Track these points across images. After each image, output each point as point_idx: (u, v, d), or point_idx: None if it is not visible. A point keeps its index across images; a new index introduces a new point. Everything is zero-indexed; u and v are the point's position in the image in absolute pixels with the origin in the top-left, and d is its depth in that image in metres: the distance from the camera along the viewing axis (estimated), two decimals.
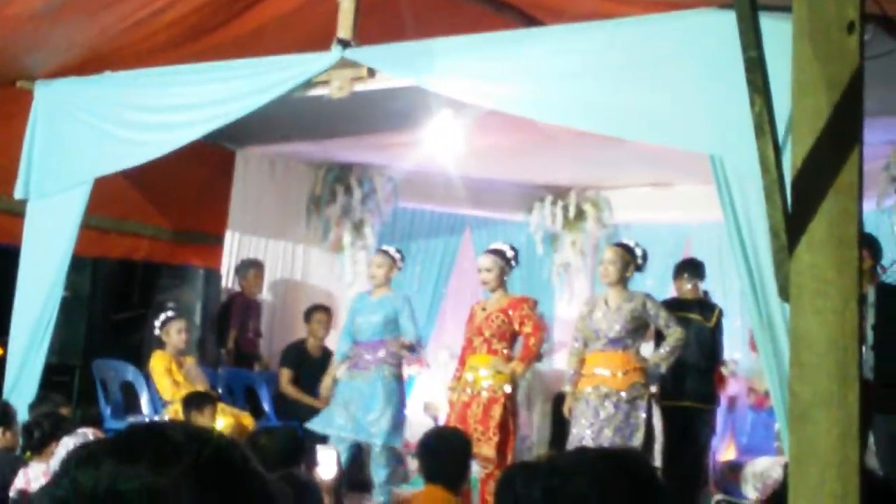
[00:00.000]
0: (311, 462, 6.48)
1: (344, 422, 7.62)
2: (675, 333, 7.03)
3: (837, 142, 2.48)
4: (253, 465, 1.05)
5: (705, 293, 8.56)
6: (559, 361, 10.13)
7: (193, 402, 7.28)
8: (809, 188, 2.47)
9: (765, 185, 2.55)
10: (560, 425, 8.60)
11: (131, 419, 7.74)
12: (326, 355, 8.93)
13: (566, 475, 2.38)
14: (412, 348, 8.01)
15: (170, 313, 8.27)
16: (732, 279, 9.49)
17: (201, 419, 7.17)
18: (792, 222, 2.49)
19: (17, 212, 7.49)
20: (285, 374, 9.11)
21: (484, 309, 7.42)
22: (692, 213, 9.99)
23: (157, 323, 8.20)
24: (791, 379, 2.50)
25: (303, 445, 5.53)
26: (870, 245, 6.64)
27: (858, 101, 2.54)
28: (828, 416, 2.42)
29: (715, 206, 5.45)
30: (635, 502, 2.36)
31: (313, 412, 8.09)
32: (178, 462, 0.98)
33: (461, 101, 6.42)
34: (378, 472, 7.73)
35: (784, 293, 2.54)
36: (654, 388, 7.33)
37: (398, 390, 7.82)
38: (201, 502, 0.96)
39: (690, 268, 8.49)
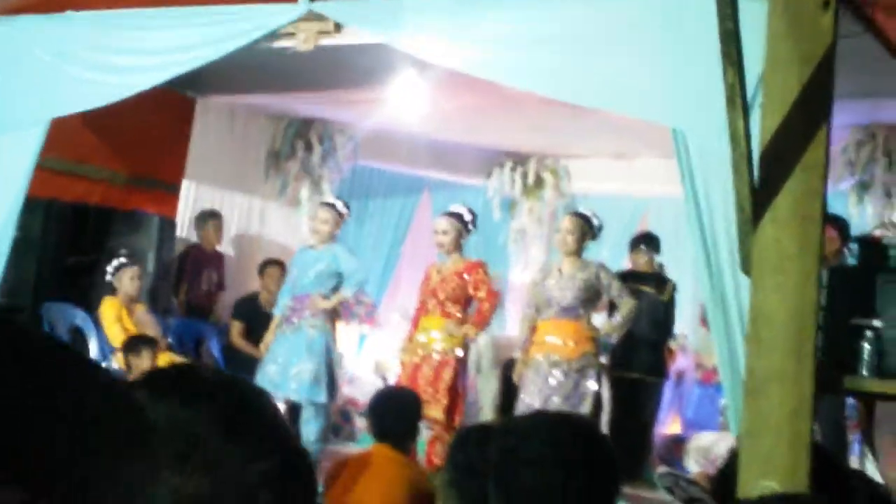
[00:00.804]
0: None
1: (271, 378, 7.53)
2: (626, 304, 7.08)
3: (807, 118, 2.49)
4: (282, 418, 1.04)
5: (661, 267, 8.61)
6: (511, 328, 10.16)
7: (131, 346, 7.27)
8: (776, 163, 2.48)
9: (733, 158, 2.55)
10: (509, 391, 8.63)
11: None
12: None
13: (522, 436, 2.40)
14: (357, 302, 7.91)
15: (123, 259, 8.18)
16: (687, 254, 9.56)
17: (139, 362, 7.15)
18: (758, 196, 2.49)
19: None
20: (236, 327, 9.07)
21: (439, 272, 7.41)
22: (651, 187, 10.03)
23: (110, 269, 8.10)
24: (748, 354, 2.51)
25: None
26: (839, 226, 6.67)
27: (830, 79, 2.55)
28: (782, 390, 2.44)
29: (674, 180, 5.44)
30: (588, 465, 2.39)
31: None
32: (209, 401, 0.97)
33: (428, 61, 6.38)
34: (306, 429, 7.51)
35: (746, 267, 2.55)
36: (603, 359, 7.38)
37: (323, 344, 7.60)
38: (227, 443, 0.94)
39: (647, 240, 8.53)
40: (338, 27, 6.31)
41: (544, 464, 2.34)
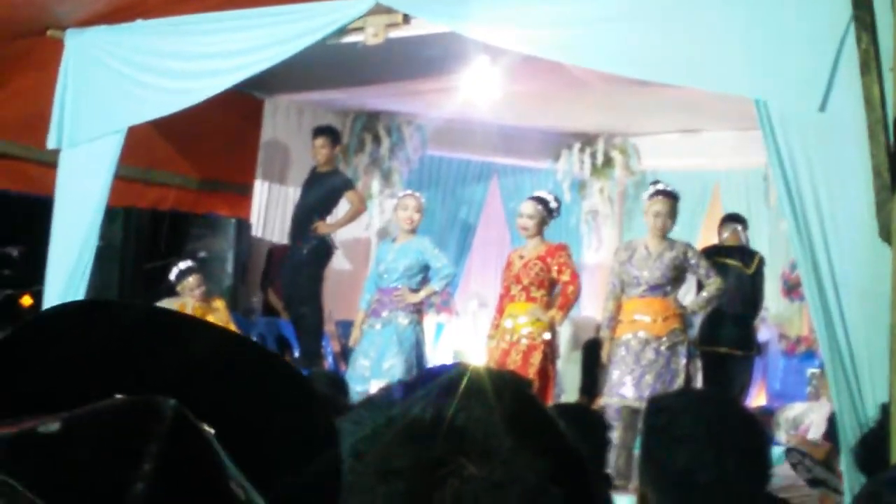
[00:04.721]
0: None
1: (362, 372, 7.56)
2: (714, 283, 7.03)
3: None
4: (554, 415, 1.03)
5: (748, 240, 8.54)
6: (587, 309, 10.12)
7: None
8: None
9: (869, 124, 2.51)
10: (591, 372, 8.59)
11: None
12: None
13: (674, 414, 2.37)
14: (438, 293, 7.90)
15: (188, 264, 8.18)
16: (760, 226, 9.47)
17: None
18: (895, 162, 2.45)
19: (49, 162, 7.44)
20: None
21: (521, 257, 7.38)
22: (720, 160, 9.94)
23: (172, 276, 8.10)
24: (894, 320, 2.47)
25: (346, 387, 5.48)
26: None
27: None
28: None
29: (743, 152, 5.39)
30: (740, 444, 2.36)
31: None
32: (497, 399, 0.96)
33: (498, 47, 6.34)
34: None
35: (885, 233, 2.51)
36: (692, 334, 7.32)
37: (414, 338, 7.66)
38: (516, 440, 0.94)
39: (733, 216, 8.50)
40: (406, 19, 6.30)
41: (697, 441, 2.32)
